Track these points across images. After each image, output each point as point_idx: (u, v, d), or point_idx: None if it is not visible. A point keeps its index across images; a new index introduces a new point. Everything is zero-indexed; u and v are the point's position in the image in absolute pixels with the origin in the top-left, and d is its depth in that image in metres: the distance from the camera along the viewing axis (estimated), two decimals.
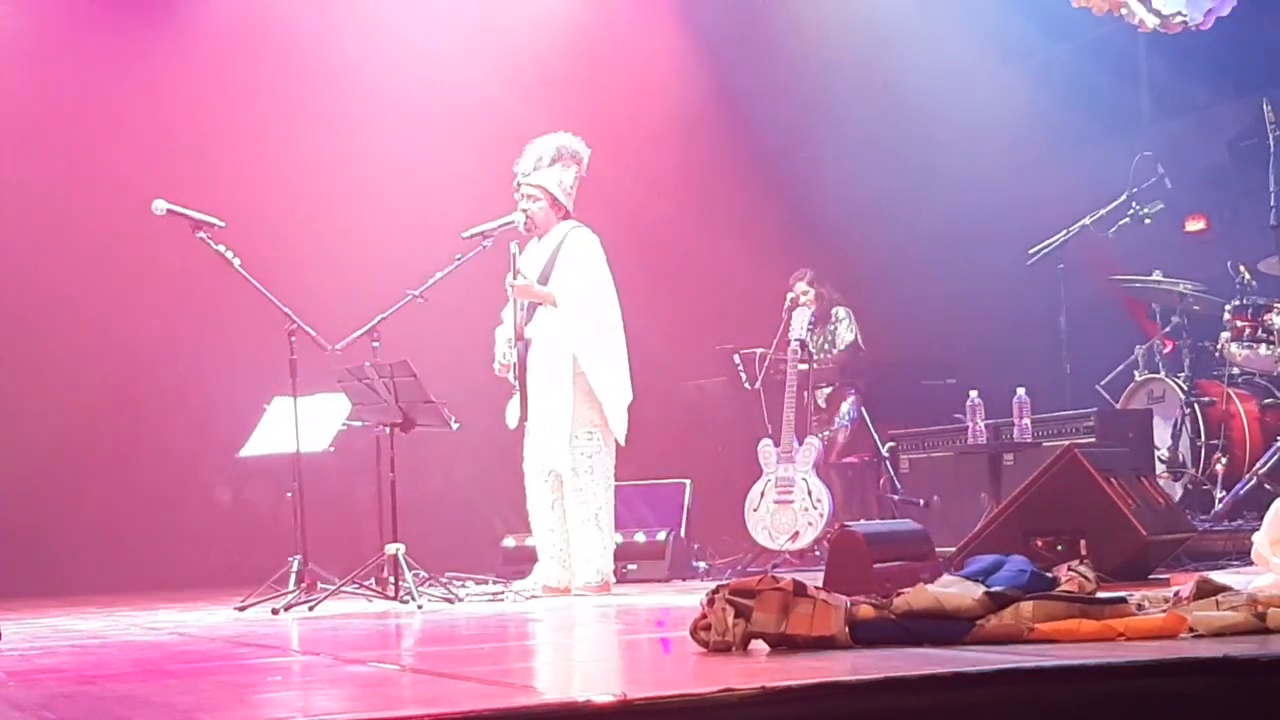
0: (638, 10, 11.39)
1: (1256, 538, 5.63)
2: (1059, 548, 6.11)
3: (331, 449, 7.65)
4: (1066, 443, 6.86)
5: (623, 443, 7.38)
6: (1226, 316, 8.10)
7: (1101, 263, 9.34)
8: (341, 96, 10.86)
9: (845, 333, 9.74)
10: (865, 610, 3.73)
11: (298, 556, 7.10)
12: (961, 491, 8.32)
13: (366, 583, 7.05)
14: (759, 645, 3.69)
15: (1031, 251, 8.78)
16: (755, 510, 8.69)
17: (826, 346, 9.74)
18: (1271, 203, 7.93)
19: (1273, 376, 8.20)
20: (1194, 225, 11.01)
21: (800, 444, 8.67)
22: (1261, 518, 5.13)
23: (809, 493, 8.55)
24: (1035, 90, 11.28)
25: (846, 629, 3.65)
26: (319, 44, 10.76)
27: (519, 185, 7.47)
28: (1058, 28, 10.66)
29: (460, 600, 6.91)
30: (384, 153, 10.75)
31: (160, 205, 7.05)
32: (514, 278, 7.29)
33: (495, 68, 10.90)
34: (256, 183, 10.09)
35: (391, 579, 6.92)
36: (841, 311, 9.79)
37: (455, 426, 7.14)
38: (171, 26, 10.53)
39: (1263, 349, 7.94)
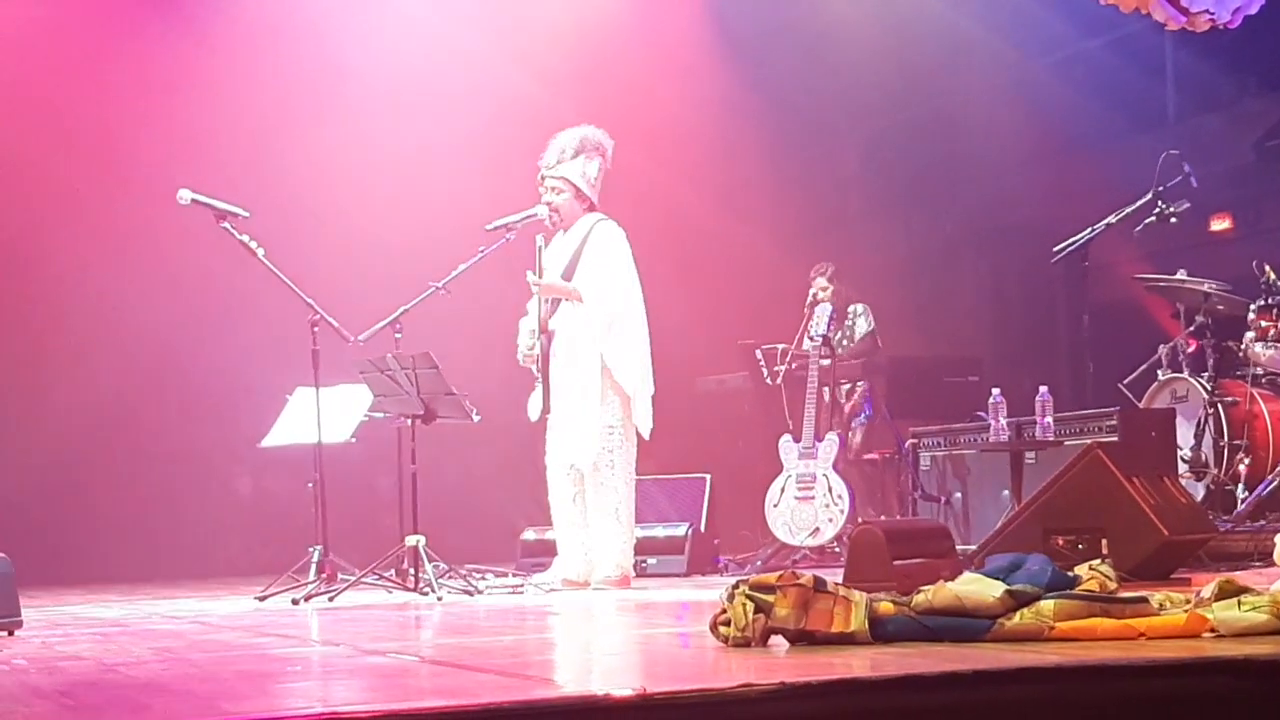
0: (664, 3, 11.38)
1: (1279, 539, 5.61)
2: (1080, 546, 6.09)
3: (353, 440, 7.67)
4: (1089, 441, 6.84)
5: (647, 437, 7.37)
6: (1251, 316, 8.07)
7: (1126, 261, 9.31)
8: (367, 87, 10.88)
9: (862, 326, 9.72)
10: (885, 607, 3.72)
11: (318, 547, 7.12)
12: (983, 489, 8.30)
13: (386, 574, 7.06)
14: (778, 641, 3.69)
15: (1056, 249, 8.75)
16: (775, 506, 8.68)
17: (845, 342, 9.72)
18: None
19: None
20: (1219, 224, 10.98)
21: (821, 440, 8.66)
22: None
23: (829, 489, 8.54)
24: (1061, 86, 11.25)
25: (866, 625, 3.65)
26: (344, 35, 10.78)
27: (543, 178, 7.47)
28: (1084, 24, 10.64)
29: (480, 592, 6.92)
30: (409, 144, 10.77)
31: (185, 195, 7.07)
32: (538, 275, 7.30)
33: (521, 59, 10.91)
34: (281, 173, 10.11)
35: (412, 570, 6.94)
36: (859, 307, 9.77)
37: (476, 418, 7.14)
38: (197, 17, 10.56)
39: None
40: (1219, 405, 8.14)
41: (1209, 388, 8.20)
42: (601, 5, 11.10)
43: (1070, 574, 3.97)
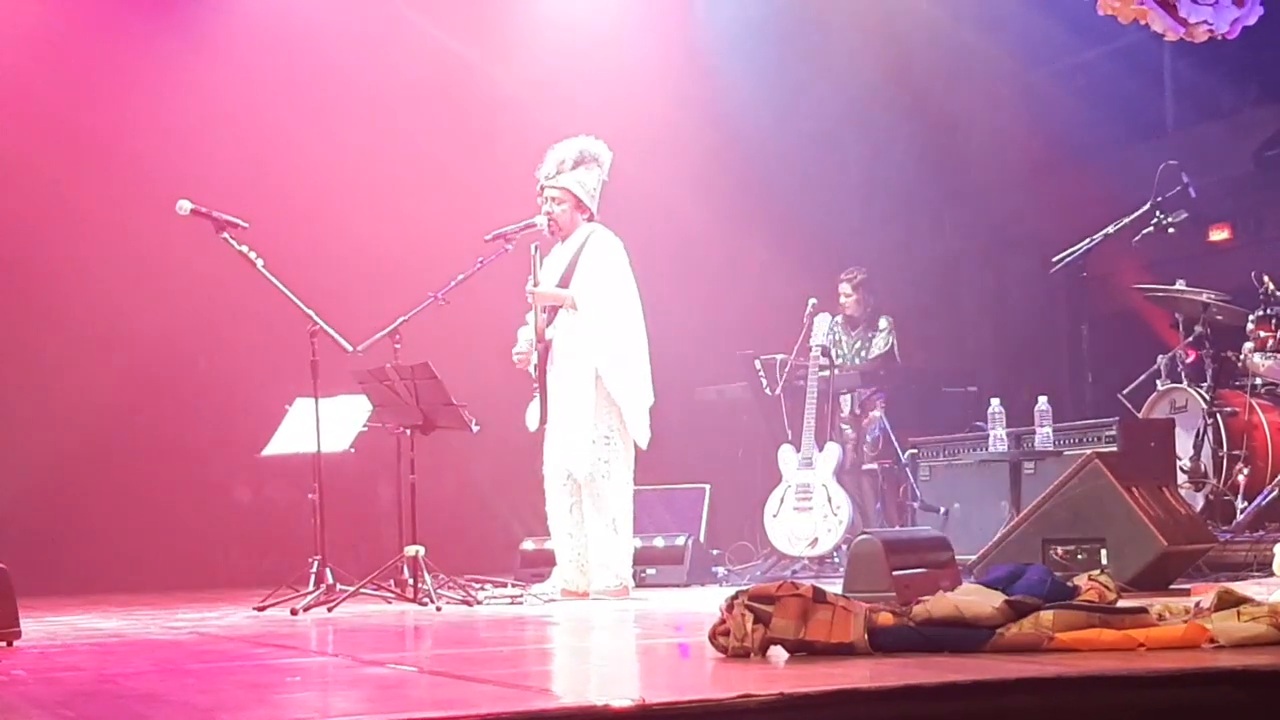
0: (664, 12, 11.39)
1: (1278, 549, 5.61)
2: (1079, 557, 6.09)
3: (352, 450, 7.66)
4: (1088, 451, 6.84)
5: (644, 447, 7.36)
6: (1250, 327, 8.07)
7: (1124, 271, 9.31)
8: (366, 98, 10.88)
9: (881, 342, 9.67)
10: (884, 617, 3.72)
11: (317, 557, 7.11)
12: (982, 499, 8.30)
13: (385, 584, 7.06)
14: (778, 651, 3.69)
15: (1054, 259, 8.76)
16: (775, 516, 8.68)
17: (862, 350, 9.69)
18: None
19: None
20: (1218, 234, 10.99)
21: (820, 450, 8.66)
22: None
23: (829, 499, 8.54)
24: (1060, 96, 11.26)
25: (865, 636, 3.64)
26: (343, 46, 10.79)
27: (542, 189, 7.48)
28: (1083, 34, 10.64)
29: (479, 603, 6.91)
30: (408, 154, 10.77)
31: (184, 205, 7.07)
32: (533, 283, 7.30)
33: (519, 69, 10.91)
34: (280, 184, 10.11)
35: (411, 580, 6.93)
36: (884, 321, 9.71)
37: (475, 429, 7.14)
38: (196, 27, 10.56)
39: None
40: (1218, 415, 8.14)
41: (1208, 398, 8.20)
42: (600, 14, 11.11)
43: (1069, 584, 3.97)
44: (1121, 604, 3.88)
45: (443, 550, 7.31)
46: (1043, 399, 7.62)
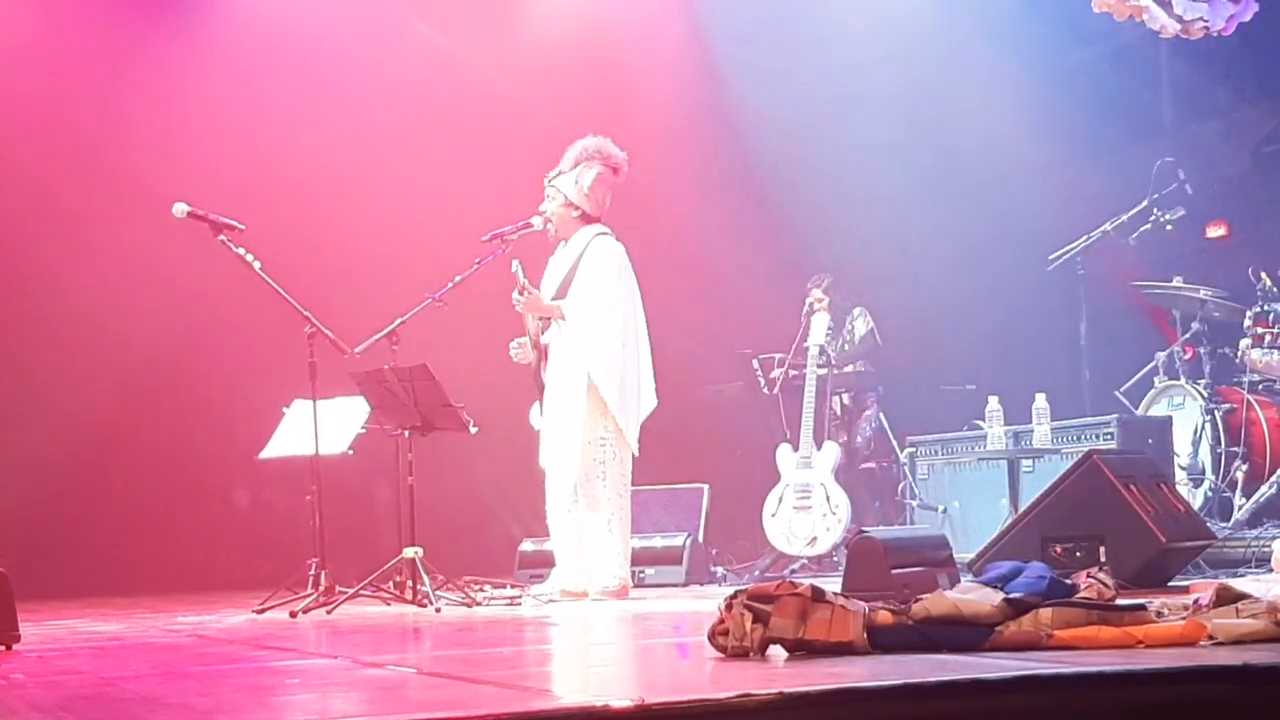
0: (659, 14, 11.39)
1: (1277, 545, 5.62)
2: (1078, 554, 6.10)
3: (350, 452, 7.66)
4: (1086, 449, 6.85)
5: (636, 453, 7.33)
6: (1247, 323, 8.08)
7: (1122, 269, 9.31)
8: (362, 99, 10.88)
9: (860, 327, 9.69)
10: (883, 616, 3.72)
11: (316, 559, 7.10)
12: (980, 497, 8.31)
13: (385, 586, 7.05)
14: (777, 650, 3.69)
15: (1052, 257, 8.76)
16: (773, 515, 8.68)
17: (845, 347, 9.71)
18: None
19: None
20: (1215, 231, 10.98)
21: (819, 449, 8.67)
22: None
23: (827, 498, 8.54)
24: (1057, 95, 11.25)
25: (865, 635, 3.64)
26: (338, 47, 10.79)
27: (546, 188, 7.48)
28: (1079, 33, 10.63)
29: (478, 604, 6.91)
30: (404, 156, 10.77)
31: (181, 208, 7.06)
32: (519, 294, 7.24)
33: (517, 71, 10.92)
34: (277, 186, 10.10)
35: (409, 582, 6.93)
36: (856, 310, 9.75)
37: (473, 430, 7.14)
38: (191, 30, 10.56)
39: None
40: (1216, 412, 8.15)
41: (1206, 395, 8.21)
42: (596, 16, 11.11)
43: (1068, 582, 3.98)
44: (1120, 601, 3.88)
45: (442, 552, 7.31)
46: (1040, 397, 7.62)
